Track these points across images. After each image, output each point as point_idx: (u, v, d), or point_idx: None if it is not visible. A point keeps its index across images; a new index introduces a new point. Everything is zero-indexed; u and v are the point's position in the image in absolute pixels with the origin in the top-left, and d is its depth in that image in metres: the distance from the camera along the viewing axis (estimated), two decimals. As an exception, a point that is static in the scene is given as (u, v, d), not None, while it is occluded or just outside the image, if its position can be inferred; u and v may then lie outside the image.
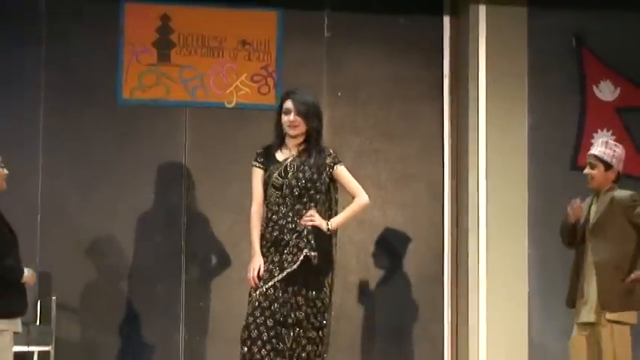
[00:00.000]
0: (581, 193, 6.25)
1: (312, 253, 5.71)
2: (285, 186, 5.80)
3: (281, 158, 5.87)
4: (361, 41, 7.72)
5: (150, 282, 7.30)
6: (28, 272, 5.74)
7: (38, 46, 7.27)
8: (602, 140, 6.27)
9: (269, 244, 5.79)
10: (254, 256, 5.81)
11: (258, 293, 5.69)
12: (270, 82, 7.56)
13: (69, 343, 7.11)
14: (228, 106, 7.54)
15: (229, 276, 7.31)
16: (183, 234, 7.36)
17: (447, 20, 7.83)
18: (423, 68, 7.82)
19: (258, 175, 5.90)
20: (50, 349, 6.83)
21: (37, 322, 7.00)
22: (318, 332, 5.78)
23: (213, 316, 7.33)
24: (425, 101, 7.80)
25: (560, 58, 7.75)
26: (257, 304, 5.67)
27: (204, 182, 7.42)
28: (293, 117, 5.83)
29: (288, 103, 5.86)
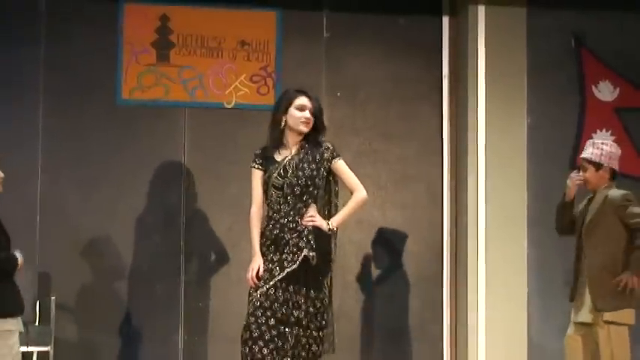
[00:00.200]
0: (580, 193, 6.26)
1: (311, 254, 5.70)
2: (285, 185, 5.79)
3: (279, 158, 5.85)
4: (360, 41, 7.72)
5: (149, 282, 7.30)
6: (19, 256, 5.70)
7: (37, 47, 7.27)
8: (589, 142, 6.26)
9: (269, 242, 5.79)
10: (253, 256, 5.80)
11: (259, 293, 5.68)
12: (270, 82, 7.56)
13: (68, 343, 7.11)
14: (228, 106, 7.54)
15: (228, 276, 7.31)
16: (183, 234, 7.37)
17: (446, 20, 7.83)
18: (422, 68, 7.82)
19: (258, 176, 5.89)
20: (49, 349, 6.83)
21: (37, 323, 7.00)
22: (319, 332, 5.77)
23: (213, 315, 7.33)
24: (424, 101, 7.80)
25: (559, 58, 7.75)
26: (258, 303, 5.66)
27: (203, 182, 7.42)
28: (309, 114, 5.84)
29: (303, 100, 5.85)
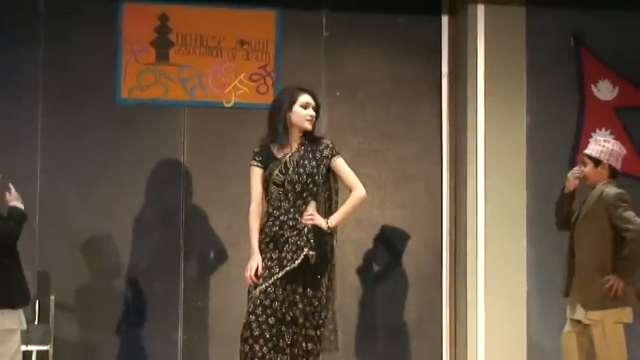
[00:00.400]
0: (580, 192, 6.26)
1: (311, 253, 5.71)
2: (286, 182, 5.79)
3: (279, 155, 5.86)
4: (360, 41, 7.72)
5: (148, 281, 7.30)
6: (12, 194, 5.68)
7: (36, 46, 7.26)
8: (592, 138, 6.27)
9: (268, 238, 5.79)
10: (252, 255, 5.80)
11: (258, 291, 5.68)
12: (269, 81, 7.56)
13: (68, 343, 7.11)
14: (227, 105, 7.54)
15: (228, 274, 7.31)
16: (182, 233, 7.36)
17: (445, 20, 7.83)
18: (422, 68, 7.82)
19: (257, 173, 5.89)
20: (49, 348, 6.84)
21: (36, 322, 6.99)
22: (316, 331, 5.77)
23: (212, 314, 7.33)
24: (423, 101, 7.80)
25: (558, 57, 7.75)
26: (258, 302, 5.66)
27: (202, 181, 7.42)
28: (312, 111, 5.86)
29: (307, 97, 5.87)
